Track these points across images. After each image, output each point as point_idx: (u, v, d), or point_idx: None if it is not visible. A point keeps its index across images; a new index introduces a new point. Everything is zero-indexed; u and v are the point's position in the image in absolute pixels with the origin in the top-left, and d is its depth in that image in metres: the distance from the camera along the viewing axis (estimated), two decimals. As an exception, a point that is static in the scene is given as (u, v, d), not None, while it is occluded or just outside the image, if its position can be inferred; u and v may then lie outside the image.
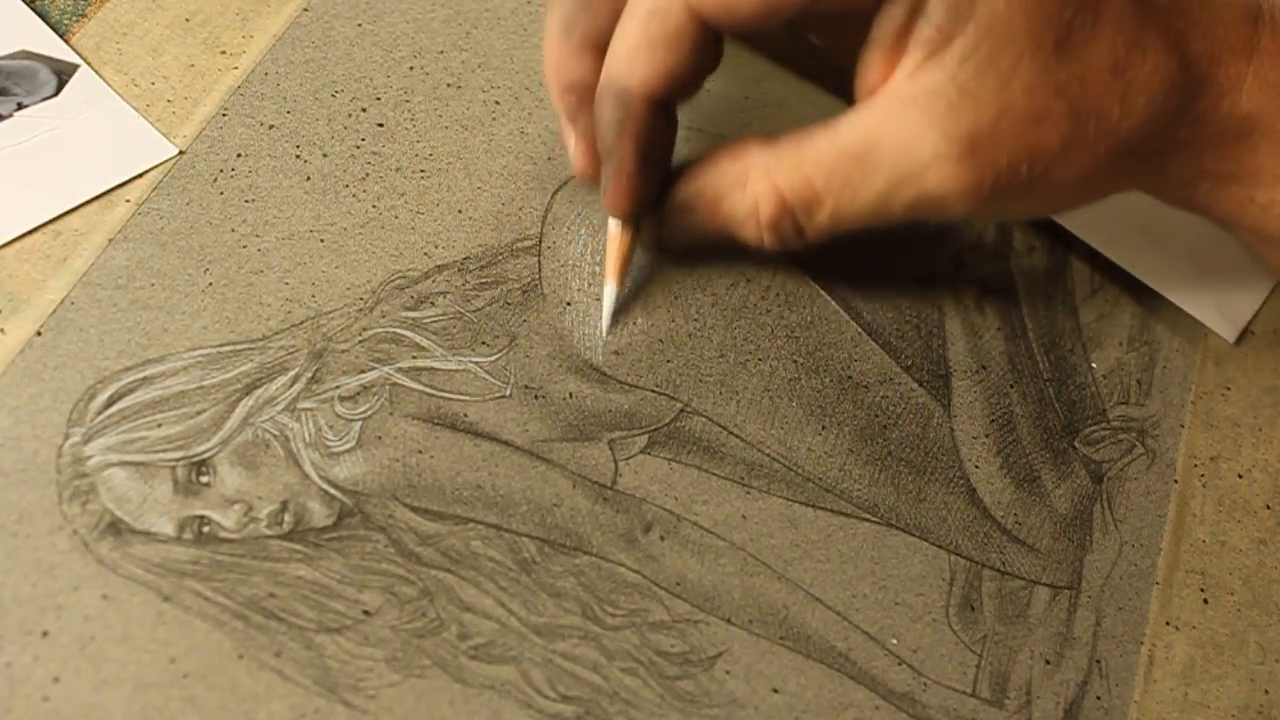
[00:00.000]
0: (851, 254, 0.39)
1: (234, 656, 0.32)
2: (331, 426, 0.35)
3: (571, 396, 0.37)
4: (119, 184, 0.38)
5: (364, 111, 0.41)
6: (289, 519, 0.34)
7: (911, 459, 0.38)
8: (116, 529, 0.33)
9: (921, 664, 0.35)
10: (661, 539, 0.35)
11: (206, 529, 0.33)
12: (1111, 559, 0.37)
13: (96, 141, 0.39)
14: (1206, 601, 0.37)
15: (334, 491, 0.34)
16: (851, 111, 0.34)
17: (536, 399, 0.37)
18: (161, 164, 0.39)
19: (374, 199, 0.40)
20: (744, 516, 0.36)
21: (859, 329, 0.40)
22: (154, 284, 0.37)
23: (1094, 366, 0.41)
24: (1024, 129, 0.32)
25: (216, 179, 0.39)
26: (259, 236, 0.38)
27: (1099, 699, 0.35)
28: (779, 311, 0.40)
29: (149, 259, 0.37)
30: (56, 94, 0.40)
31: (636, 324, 0.39)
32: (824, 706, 0.34)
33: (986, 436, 0.39)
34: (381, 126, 0.41)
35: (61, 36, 0.41)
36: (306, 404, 0.36)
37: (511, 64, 0.44)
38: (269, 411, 0.35)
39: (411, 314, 0.38)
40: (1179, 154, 0.35)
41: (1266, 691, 0.36)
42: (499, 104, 0.43)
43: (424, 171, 0.41)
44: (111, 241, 0.37)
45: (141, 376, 0.35)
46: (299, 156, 0.40)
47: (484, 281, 0.39)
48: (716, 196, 0.36)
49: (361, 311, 0.37)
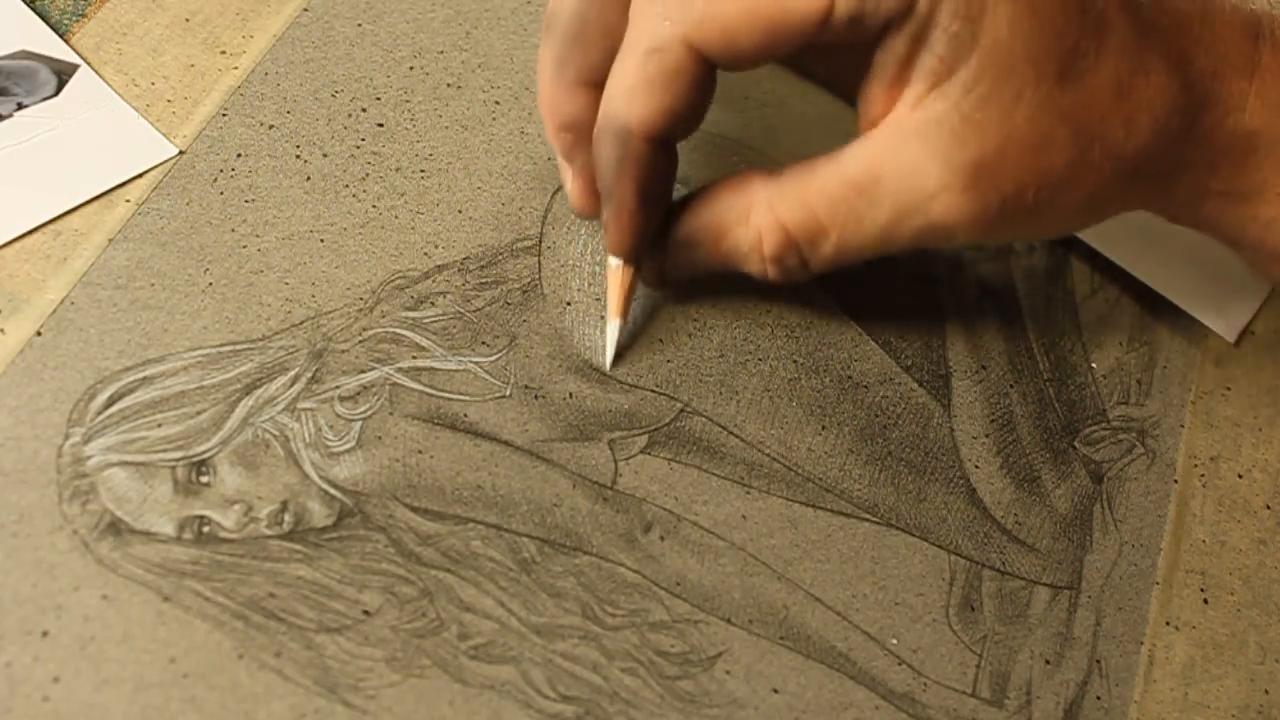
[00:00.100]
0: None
1: (234, 656, 0.32)
2: (331, 426, 0.35)
3: (571, 396, 0.37)
4: (119, 184, 0.38)
5: (364, 111, 0.41)
6: (289, 519, 0.34)
7: (911, 459, 0.38)
8: (116, 529, 0.33)
9: (921, 664, 0.35)
10: (661, 539, 0.35)
11: (206, 529, 0.33)
12: (1111, 559, 0.37)
13: (96, 141, 0.39)
14: (1206, 601, 0.37)
15: (334, 491, 0.34)
16: (855, 143, 0.33)
17: (536, 399, 0.37)
18: (161, 164, 0.39)
19: (374, 199, 0.40)
20: (744, 516, 0.36)
21: (859, 329, 0.40)
22: (154, 284, 0.37)
23: (1094, 366, 0.41)
24: (1029, 156, 0.32)
25: (216, 179, 0.39)
26: (259, 236, 0.38)
27: (1099, 699, 0.35)
28: (779, 311, 0.40)
29: (149, 259, 0.37)
30: (56, 94, 0.40)
31: (637, 324, 0.39)
32: (824, 706, 0.34)
33: (986, 436, 0.39)
34: (381, 126, 0.41)
35: (61, 36, 0.41)
36: (306, 404, 0.36)
37: (511, 64, 0.44)
38: (269, 411, 0.35)
39: (411, 314, 0.38)
40: (1184, 173, 0.35)
41: (1266, 691, 0.36)
42: (499, 104, 0.43)
43: (424, 171, 0.41)
44: (111, 241, 0.37)
45: (141, 376, 0.35)
46: (299, 156, 0.40)
47: (484, 281, 0.39)
48: (720, 231, 0.35)
49: (361, 311, 0.37)
